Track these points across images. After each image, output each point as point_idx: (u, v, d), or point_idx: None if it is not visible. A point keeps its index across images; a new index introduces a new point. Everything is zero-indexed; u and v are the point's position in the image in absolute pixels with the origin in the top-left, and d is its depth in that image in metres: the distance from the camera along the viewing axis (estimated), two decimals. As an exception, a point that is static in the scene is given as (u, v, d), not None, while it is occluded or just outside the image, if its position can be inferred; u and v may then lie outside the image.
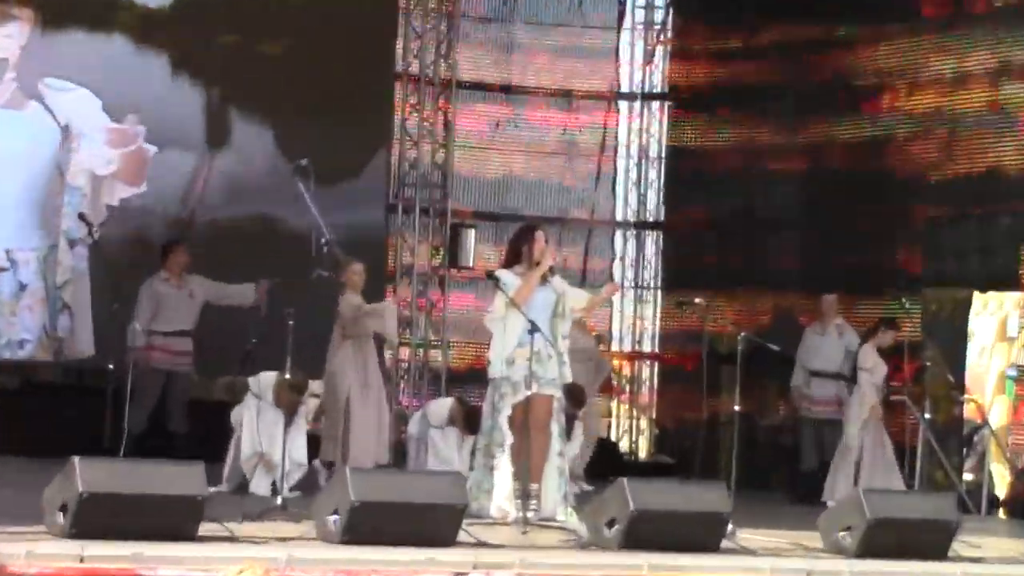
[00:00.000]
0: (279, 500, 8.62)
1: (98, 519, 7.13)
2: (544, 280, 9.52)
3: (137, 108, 13.28)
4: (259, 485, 10.07)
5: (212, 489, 7.89)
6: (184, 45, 13.52)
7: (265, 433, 10.02)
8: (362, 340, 10.81)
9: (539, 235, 9.60)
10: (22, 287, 12.70)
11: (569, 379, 9.71)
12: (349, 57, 14.06)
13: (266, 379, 10.24)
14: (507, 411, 9.40)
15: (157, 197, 13.38)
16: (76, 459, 7.22)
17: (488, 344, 9.60)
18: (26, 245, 12.75)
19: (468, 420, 11.19)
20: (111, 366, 9.03)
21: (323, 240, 9.04)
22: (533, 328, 9.07)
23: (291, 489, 10.01)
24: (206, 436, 10.32)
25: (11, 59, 12.95)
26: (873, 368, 12.25)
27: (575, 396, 10.63)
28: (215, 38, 13.68)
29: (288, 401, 9.94)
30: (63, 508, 7.18)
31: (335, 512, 7.64)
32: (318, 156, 9.56)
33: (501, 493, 9.36)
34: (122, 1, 13.34)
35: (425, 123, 14.96)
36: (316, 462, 10.67)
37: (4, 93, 12.87)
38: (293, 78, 13.76)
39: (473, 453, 9.80)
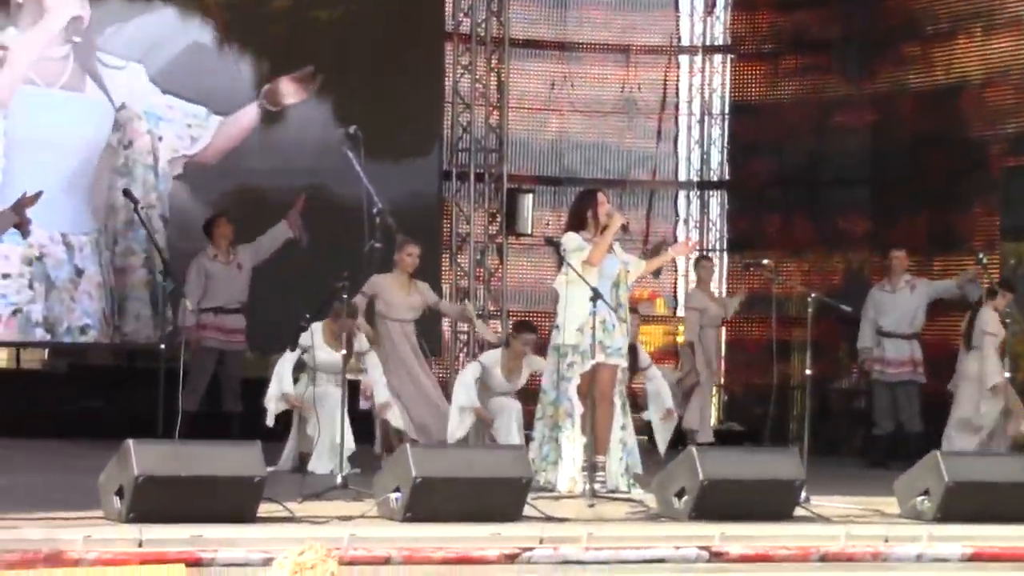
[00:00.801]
0: (339, 479, 8.48)
1: (155, 502, 7.05)
2: (609, 247, 9.34)
3: (184, 81, 13.11)
4: (319, 464, 9.89)
5: (271, 469, 7.76)
6: (231, 12, 13.30)
7: (324, 413, 9.77)
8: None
9: (601, 197, 9.48)
10: (79, 272, 12.59)
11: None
12: (398, 18, 13.84)
13: (315, 327, 9.98)
14: (576, 381, 9.23)
15: (206, 170, 13.21)
16: (131, 442, 7.12)
17: (548, 314, 9.43)
18: (79, 230, 12.62)
19: (520, 327, 10.78)
20: (162, 346, 8.90)
21: (375, 210, 8.86)
22: (596, 295, 8.90)
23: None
24: (262, 415, 10.18)
25: (84, 17, 12.71)
26: (997, 332, 11.81)
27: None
28: (265, 4, 13.47)
29: (344, 327, 9.67)
30: (119, 492, 7.11)
31: (397, 489, 7.55)
32: (368, 123, 9.31)
33: (573, 465, 9.20)
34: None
35: (478, 85, 14.71)
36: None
37: (63, 73, 12.67)
38: (341, 44, 13.56)
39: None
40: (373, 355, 10.42)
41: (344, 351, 9.14)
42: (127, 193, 10.01)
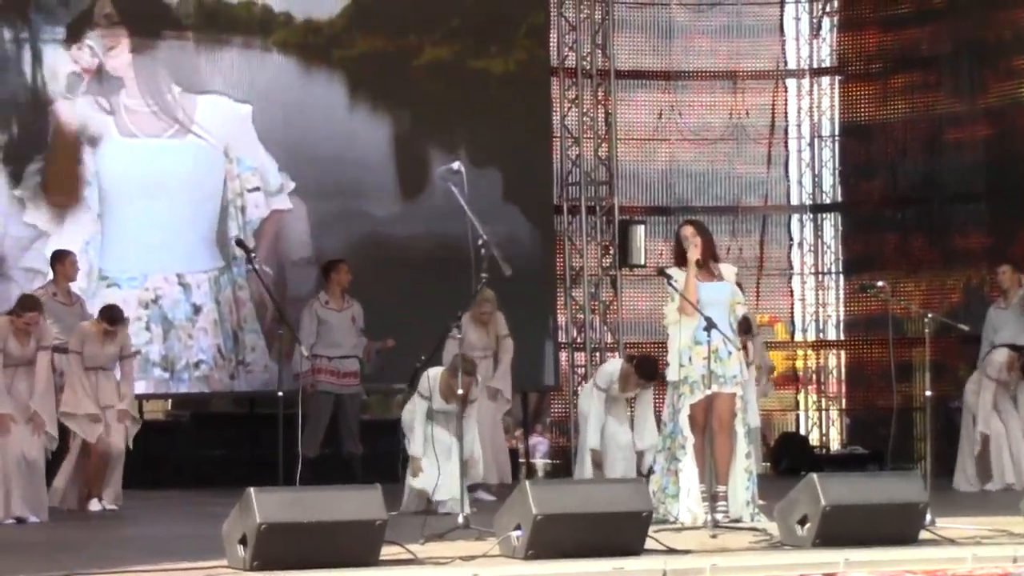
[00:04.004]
0: (460, 518, 8.50)
1: (278, 549, 7.10)
2: (716, 275, 9.31)
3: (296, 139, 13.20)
4: (441, 493, 9.91)
5: (396, 512, 7.71)
6: (361, 62, 13.37)
7: (438, 449, 9.80)
8: None
9: (682, 232, 9.42)
10: (196, 310, 12.79)
11: (747, 377, 9.47)
12: (503, 56, 13.90)
13: (433, 374, 10.03)
14: (686, 411, 9.19)
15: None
16: (252, 490, 7.19)
17: (665, 344, 9.40)
18: (197, 268, 12.81)
19: (642, 369, 10.81)
20: (280, 393, 8.95)
21: (480, 241, 8.89)
22: (710, 325, 8.84)
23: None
24: (383, 457, 10.23)
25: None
26: None
27: (742, 324, 10.21)
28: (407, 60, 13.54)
29: (462, 384, 9.70)
30: (243, 540, 7.17)
31: (518, 527, 7.55)
32: (478, 161, 9.39)
33: (689, 496, 9.18)
34: (277, 16, 13.16)
35: (585, 118, 14.75)
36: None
37: (170, 125, 12.85)
38: (449, 83, 13.65)
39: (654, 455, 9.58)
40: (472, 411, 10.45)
41: (457, 404, 9.18)
42: (240, 243, 10.10)
